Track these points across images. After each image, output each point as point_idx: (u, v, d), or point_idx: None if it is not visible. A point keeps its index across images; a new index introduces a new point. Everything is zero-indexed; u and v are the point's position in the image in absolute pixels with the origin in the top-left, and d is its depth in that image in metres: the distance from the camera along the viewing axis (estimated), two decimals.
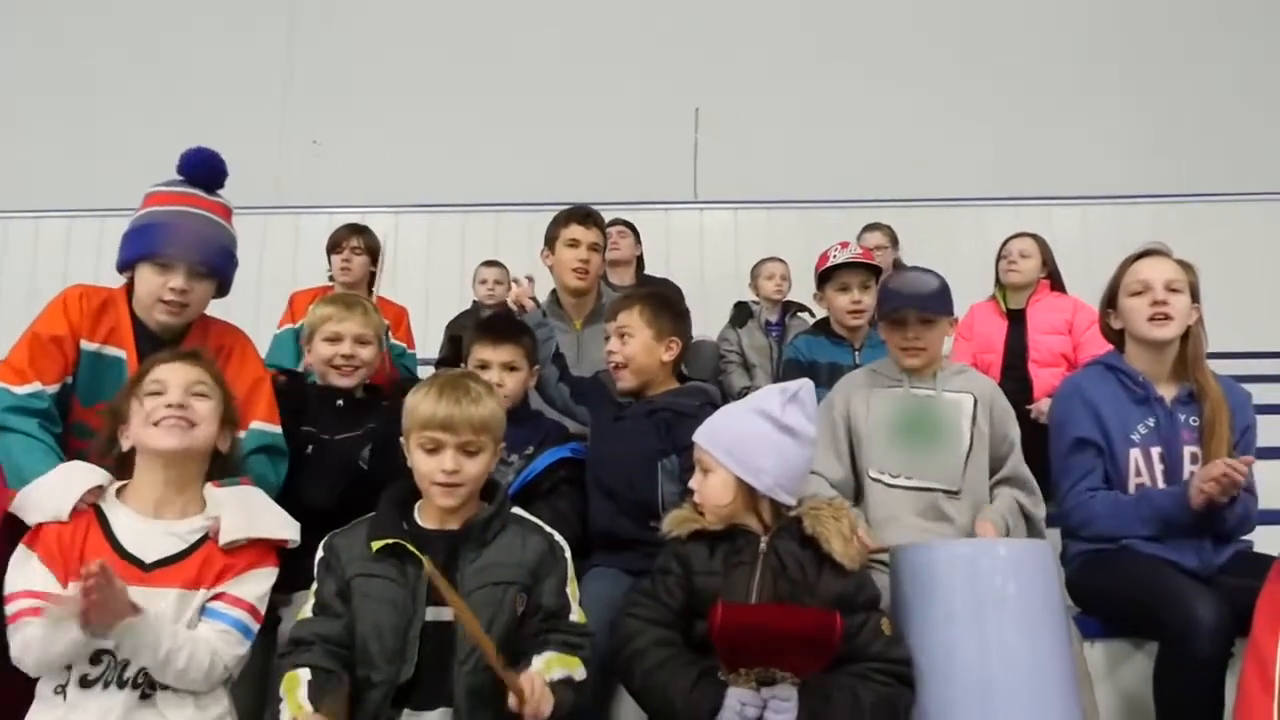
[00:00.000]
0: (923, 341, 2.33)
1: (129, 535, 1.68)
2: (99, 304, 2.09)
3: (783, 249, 4.52)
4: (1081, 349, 3.47)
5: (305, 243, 5.25)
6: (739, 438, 1.81)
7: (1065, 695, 1.75)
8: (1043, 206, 5.65)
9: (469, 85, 6.14)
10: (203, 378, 1.78)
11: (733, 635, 1.63)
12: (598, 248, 3.05)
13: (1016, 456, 2.34)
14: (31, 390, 1.98)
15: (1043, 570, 1.84)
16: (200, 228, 2.10)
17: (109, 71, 6.18)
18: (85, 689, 1.57)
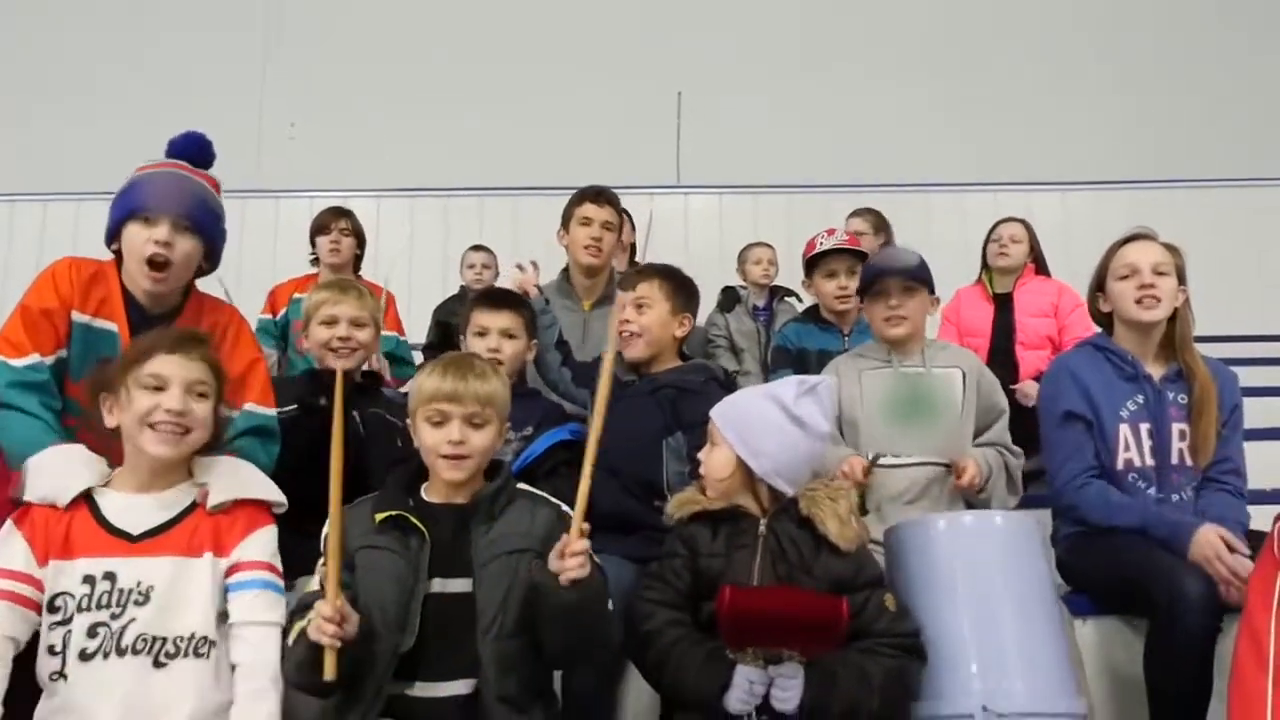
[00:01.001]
0: (904, 310, 2.38)
1: (115, 512, 1.67)
2: (89, 275, 2.04)
3: (767, 234, 4.54)
4: (1066, 331, 3.55)
5: (285, 227, 5.22)
6: (747, 418, 1.85)
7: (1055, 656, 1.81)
8: (1023, 192, 5.71)
9: (450, 69, 6.10)
10: (204, 374, 1.73)
11: (740, 619, 1.65)
12: (611, 226, 3.07)
13: (1003, 425, 2.42)
14: (30, 362, 1.94)
15: (1027, 539, 1.92)
16: (183, 183, 2.06)
17: (85, 57, 6.07)
18: (85, 662, 1.56)
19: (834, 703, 1.65)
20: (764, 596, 1.72)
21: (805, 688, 1.64)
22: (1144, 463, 2.23)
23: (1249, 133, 6.09)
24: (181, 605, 1.61)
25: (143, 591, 1.60)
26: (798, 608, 1.68)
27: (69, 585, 1.60)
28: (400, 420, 2.14)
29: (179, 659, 1.59)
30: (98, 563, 1.61)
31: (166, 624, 1.59)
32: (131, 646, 1.57)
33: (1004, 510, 2.27)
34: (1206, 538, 1.99)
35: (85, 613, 1.57)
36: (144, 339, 1.78)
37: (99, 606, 1.58)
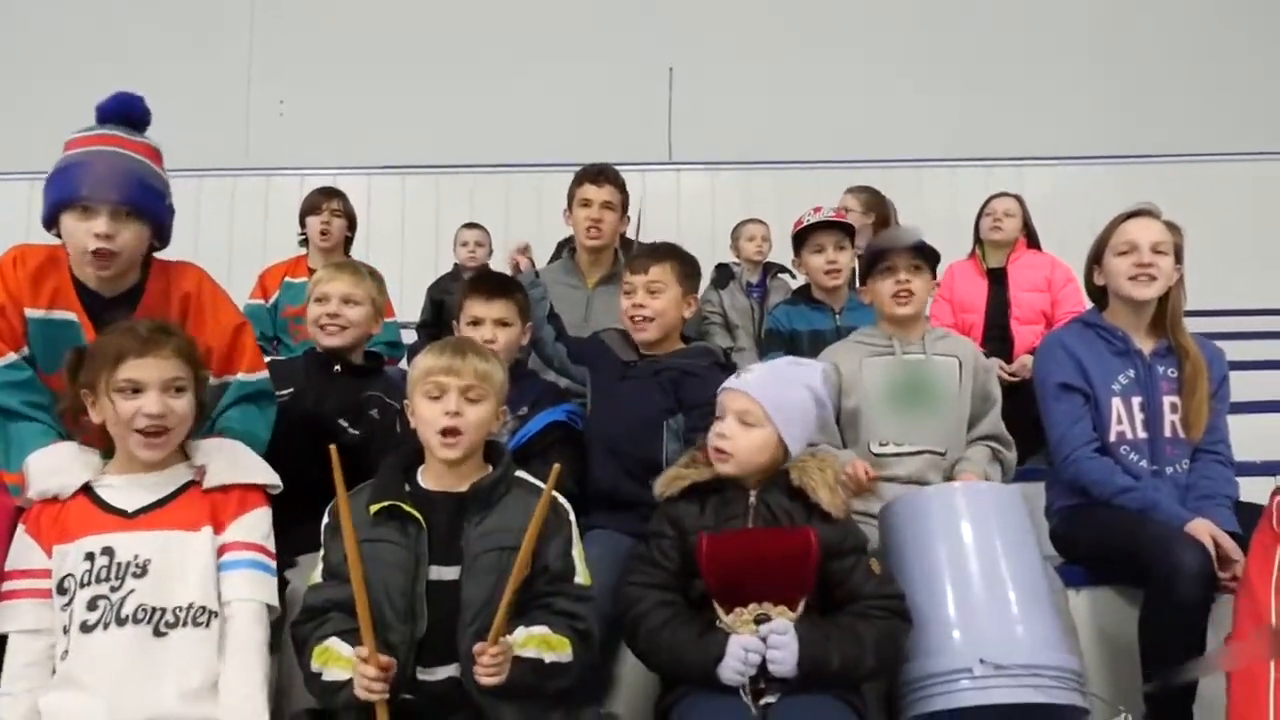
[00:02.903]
0: (913, 286, 2.37)
1: (109, 491, 1.70)
2: (35, 267, 1.93)
3: (759, 210, 4.53)
4: (1059, 305, 3.57)
5: (275, 206, 5.19)
6: (791, 405, 1.90)
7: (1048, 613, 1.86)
8: (1014, 167, 5.70)
9: (440, 46, 6.04)
10: (178, 370, 1.70)
11: (719, 562, 1.72)
12: (611, 205, 3.05)
13: (995, 414, 2.43)
14: (8, 361, 1.90)
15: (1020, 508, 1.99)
16: (119, 164, 1.90)
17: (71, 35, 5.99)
18: (87, 634, 1.58)
19: (830, 661, 1.68)
20: (738, 535, 1.79)
21: (800, 649, 1.66)
22: (1136, 435, 2.25)
23: (1242, 106, 6.10)
24: (179, 577, 1.63)
25: (140, 564, 1.62)
26: (770, 539, 1.78)
27: (72, 566, 1.62)
28: (399, 402, 2.14)
29: (179, 628, 1.61)
30: (96, 539, 1.63)
31: (165, 595, 1.61)
32: (132, 616, 1.59)
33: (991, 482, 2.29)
34: (1202, 524, 2.02)
35: (86, 587, 1.60)
36: (111, 340, 1.72)
37: (99, 580, 1.60)
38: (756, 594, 1.74)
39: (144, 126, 1.99)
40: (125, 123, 1.96)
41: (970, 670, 1.73)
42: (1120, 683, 2.08)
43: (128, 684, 1.55)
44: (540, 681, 1.60)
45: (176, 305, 2.00)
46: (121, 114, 1.96)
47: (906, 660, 1.83)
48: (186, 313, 2.01)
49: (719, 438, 1.88)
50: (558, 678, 1.62)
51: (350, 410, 2.25)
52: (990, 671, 1.72)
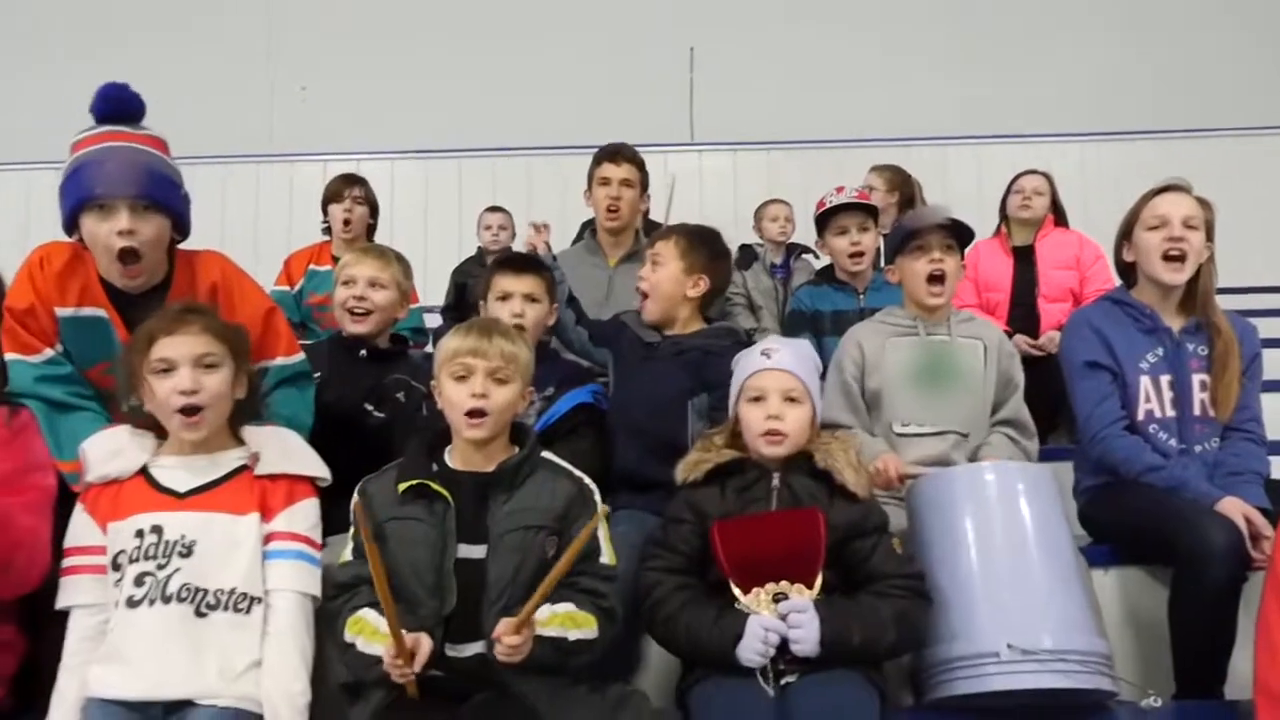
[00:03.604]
0: (946, 266, 2.35)
1: (162, 472, 1.73)
2: (61, 266, 1.93)
3: (782, 191, 4.51)
4: (1088, 283, 3.54)
5: (300, 192, 5.22)
6: (816, 377, 1.97)
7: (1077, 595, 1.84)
8: (1041, 143, 5.63)
9: (461, 29, 6.03)
10: (209, 346, 1.72)
11: (732, 548, 1.74)
12: (630, 183, 3.07)
13: (1018, 399, 2.40)
14: (47, 357, 1.93)
15: (1051, 490, 1.97)
16: (130, 158, 1.89)
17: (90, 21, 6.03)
18: (132, 609, 1.62)
19: (852, 638, 1.68)
20: (748, 520, 1.81)
21: (821, 627, 1.67)
22: (1164, 414, 2.23)
23: (1276, 80, 5.97)
24: (224, 559, 1.66)
25: (186, 544, 1.64)
26: (778, 520, 1.80)
27: (123, 543, 1.66)
28: (424, 385, 2.16)
29: (219, 611, 1.63)
30: (146, 517, 1.66)
31: (208, 576, 1.64)
32: (176, 594, 1.62)
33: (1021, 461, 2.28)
34: (1233, 502, 1.99)
35: (135, 563, 1.63)
36: (145, 325, 1.76)
37: (146, 557, 1.64)
38: (773, 574, 1.75)
39: (140, 115, 1.98)
40: (121, 115, 1.95)
41: (997, 655, 1.72)
42: (1149, 663, 2.07)
43: (169, 661, 1.58)
44: (563, 659, 1.62)
45: (205, 295, 2.01)
46: (115, 107, 1.95)
47: (932, 643, 1.83)
48: (215, 302, 2.01)
49: (771, 420, 1.86)
50: (582, 654, 1.64)
51: (375, 394, 2.28)
52: (1017, 656, 1.71)
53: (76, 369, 1.97)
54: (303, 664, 1.64)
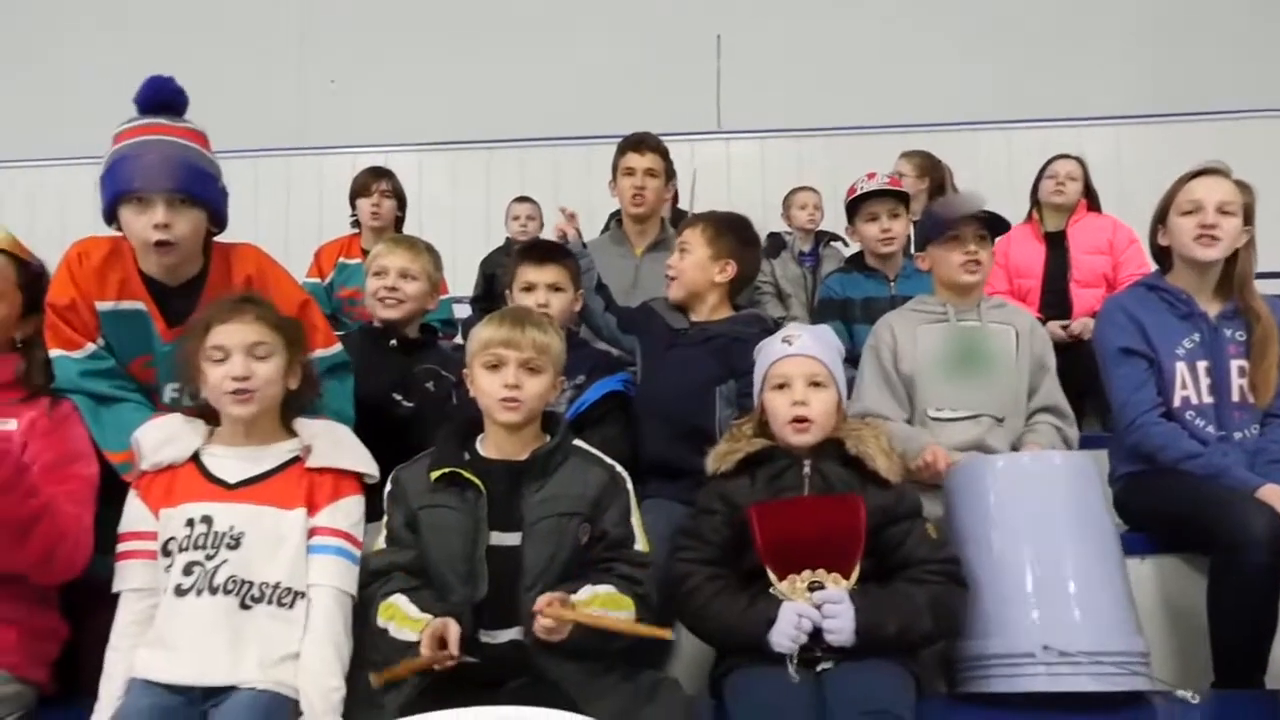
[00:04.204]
0: (980, 257, 2.33)
1: (214, 461, 1.76)
2: (100, 260, 1.95)
3: (810, 178, 4.48)
4: (1121, 268, 3.51)
5: (330, 185, 5.25)
6: (839, 362, 1.96)
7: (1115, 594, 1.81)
8: (1074, 128, 5.54)
9: (487, 21, 6.03)
10: (261, 335, 1.75)
11: (769, 533, 1.73)
12: (654, 173, 3.08)
13: (1050, 381, 2.37)
14: (89, 352, 1.95)
15: (1092, 480, 1.93)
16: (168, 152, 1.90)
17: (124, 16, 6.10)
18: (180, 597, 1.64)
19: (887, 627, 1.67)
20: (787, 505, 1.81)
21: (857, 617, 1.66)
22: (1201, 400, 2.20)
23: None
24: (270, 553, 1.68)
25: (234, 536, 1.67)
26: (818, 507, 1.79)
27: (174, 530, 1.68)
28: (454, 375, 2.17)
29: (263, 604, 1.66)
30: (197, 507, 1.69)
31: (254, 569, 1.67)
32: (223, 586, 1.64)
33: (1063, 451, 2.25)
34: (1273, 489, 1.96)
35: (184, 552, 1.66)
36: (202, 313, 1.81)
37: (196, 547, 1.66)
38: (809, 561, 1.74)
39: (183, 108, 2.00)
40: (163, 107, 1.96)
41: (1033, 655, 1.71)
42: (1186, 653, 2.05)
43: (212, 650, 1.61)
44: (604, 642, 1.62)
45: (240, 288, 2.02)
46: (157, 99, 1.96)
47: (967, 635, 1.81)
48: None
49: (798, 406, 1.86)
50: (620, 638, 1.65)
51: (403, 384, 2.29)
52: (1053, 658, 1.69)
53: (117, 360, 1.99)
54: (338, 660, 1.66)
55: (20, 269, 1.85)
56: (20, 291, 1.84)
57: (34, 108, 5.98)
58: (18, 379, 1.79)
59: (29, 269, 1.88)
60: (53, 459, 1.74)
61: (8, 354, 1.83)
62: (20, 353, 1.85)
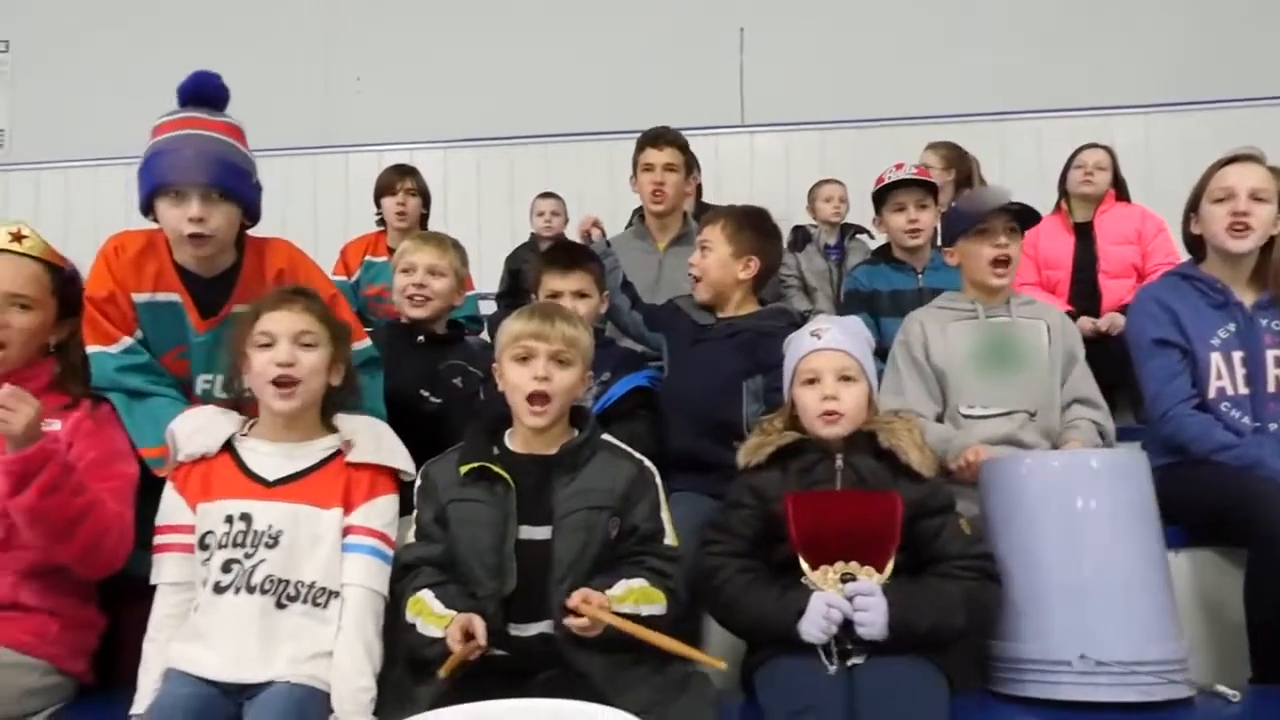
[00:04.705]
0: (1010, 251, 2.30)
1: (253, 456, 1.76)
2: (136, 253, 1.99)
3: (835, 171, 4.46)
4: (1150, 257, 3.47)
5: (356, 182, 5.27)
6: (869, 355, 1.94)
7: (1158, 600, 1.77)
8: (1102, 116, 5.46)
9: (510, 17, 6.03)
10: (309, 325, 1.77)
11: (805, 523, 1.72)
12: (674, 167, 3.08)
13: (1080, 370, 2.35)
14: (125, 346, 1.98)
15: (1134, 478, 1.86)
16: (205, 147, 1.93)
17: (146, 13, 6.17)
18: (219, 594, 1.66)
19: (920, 622, 1.66)
20: (824, 496, 1.80)
21: (889, 611, 1.65)
22: (1237, 391, 2.17)
23: None
24: (306, 552, 1.70)
25: (273, 535, 1.68)
26: (857, 502, 1.78)
27: (212, 524, 1.70)
28: (481, 370, 2.18)
29: (297, 603, 1.68)
30: (236, 504, 1.70)
31: (291, 568, 1.68)
32: (260, 586, 1.66)
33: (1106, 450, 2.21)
34: None
35: (223, 549, 1.68)
36: (253, 303, 1.84)
37: (235, 544, 1.68)
38: (843, 554, 1.73)
39: (224, 103, 2.03)
40: (204, 101, 1.99)
41: (1069, 664, 1.69)
42: (1222, 647, 2.02)
43: (248, 647, 1.62)
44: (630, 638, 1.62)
45: (272, 281, 2.05)
46: (199, 93, 1.99)
47: (1002, 636, 1.79)
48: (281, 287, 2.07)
49: (828, 400, 1.85)
50: (660, 627, 1.64)
51: (431, 379, 2.31)
52: (1090, 667, 1.67)
53: (152, 356, 2.02)
54: (369, 660, 1.67)
55: (54, 275, 1.88)
56: (54, 297, 1.87)
57: (65, 109, 6.06)
58: (54, 383, 1.81)
59: (62, 274, 1.90)
60: (96, 458, 1.77)
61: (44, 359, 1.86)
62: (55, 357, 1.87)
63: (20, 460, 1.58)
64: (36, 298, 1.83)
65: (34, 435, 1.59)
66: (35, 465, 1.59)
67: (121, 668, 1.76)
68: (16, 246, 1.83)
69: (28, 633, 1.71)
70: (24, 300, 1.81)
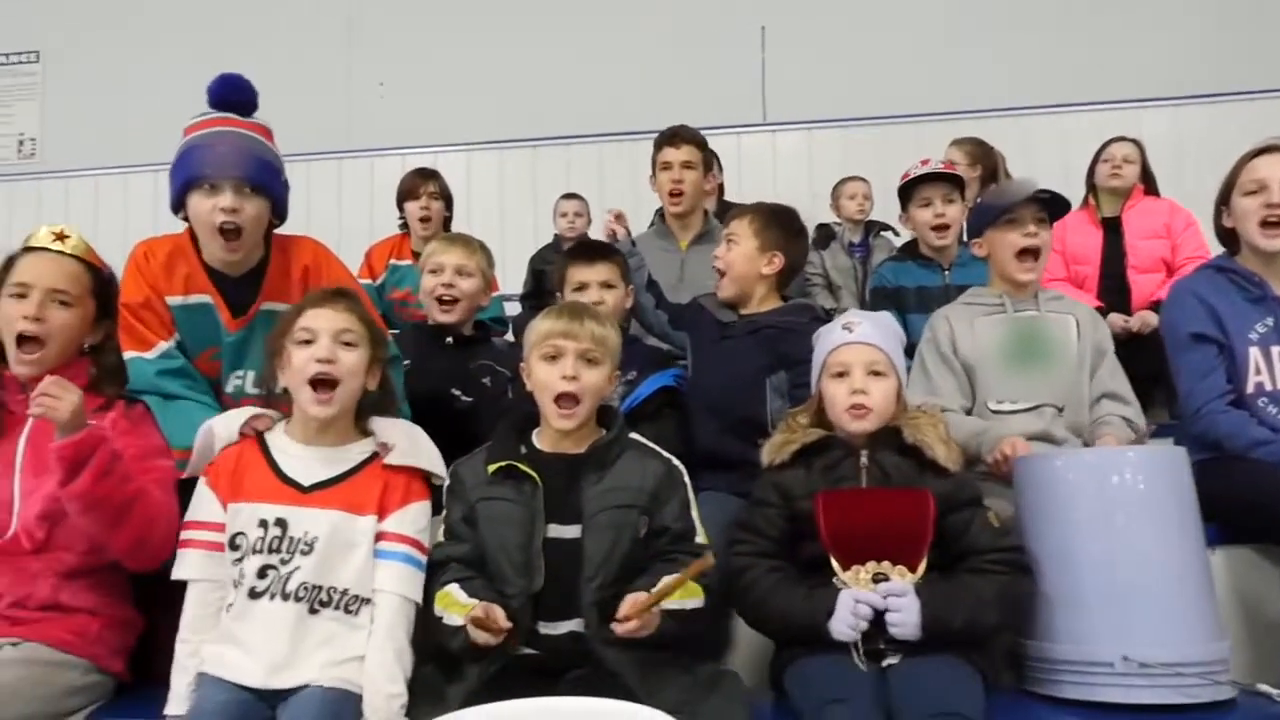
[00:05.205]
0: (1039, 241, 2.28)
1: (286, 459, 1.76)
2: (165, 257, 2.05)
3: (858, 168, 4.43)
4: (1179, 251, 3.42)
5: (380, 186, 5.31)
6: (899, 349, 1.93)
7: (1200, 598, 1.74)
8: (1130, 109, 5.40)
9: (531, 19, 6.05)
10: (350, 324, 1.76)
11: (835, 522, 1.71)
12: (691, 165, 3.07)
13: (1109, 365, 2.32)
14: (162, 351, 2.02)
15: (1174, 474, 1.83)
16: (239, 143, 2.01)
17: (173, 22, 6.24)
18: (254, 600, 1.66)
19: (954, 621, 1.64)
20: (855, 494, 1.78)
21: (922, 610, 1.63)
22: (1275, 387, 2.15)
23: None
24: (340, 559, 1.69)
25: (308, 542, 1.68)
26: (887, 499, 1.76)
27: (245, 526, 1.70)
28: (509, 370, 2.19)
29: (330, 609, 1.68)
30: (271, 509, 1.70)
31: (325, 574, 1.68)
32: (295, 593, 1.66)
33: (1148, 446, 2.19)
34: None
35: (258, 554, 1.68)
36: (297, 303, 1.85)
37: (270, 550, 1.68)
38: (874, 553, 1.72)
39: (253, 107, 2.09)
40: (234, 104, 2.05)
41: (1111, 665, 1.66)
42: (1261, 645, 1.99)
43: (280, 653, 1.63)
44: (682, 629, 1.64)
45: (298, 278, 2.10)
46: (229, 96, 2.05)
47: (1040, 636, 1.77)
48: (306, 284, 2.10)
49: (857, 395, 1.84)
50: (696, 623, 1.66)
51: (463, 379, 2.32)
52: (1133, 669, 1.64)
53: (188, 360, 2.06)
54: (400, 667, 1.66)
55: (93, 275, 1.90)
56: (92, 297, 1.89)
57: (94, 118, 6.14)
58: (90, 384, 1.83)
59: (100, 275, 1.93)
60: (136, 453, 1.78)
61: (81, 359, 1.88)
62: (91, 358, 1.90)
63: (71, 446, 1.60)
64: (77, 295, 1.85)
65: (80, 422, 1.61)
66: (86, 450, 1.61)
67: (155, 667, 1.77)
68: (59, 246, 1.86)
69: (69, 632, 1.73)
70: (64, 297, 1.83)
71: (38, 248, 1.85)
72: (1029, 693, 1.80)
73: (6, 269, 1.84)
